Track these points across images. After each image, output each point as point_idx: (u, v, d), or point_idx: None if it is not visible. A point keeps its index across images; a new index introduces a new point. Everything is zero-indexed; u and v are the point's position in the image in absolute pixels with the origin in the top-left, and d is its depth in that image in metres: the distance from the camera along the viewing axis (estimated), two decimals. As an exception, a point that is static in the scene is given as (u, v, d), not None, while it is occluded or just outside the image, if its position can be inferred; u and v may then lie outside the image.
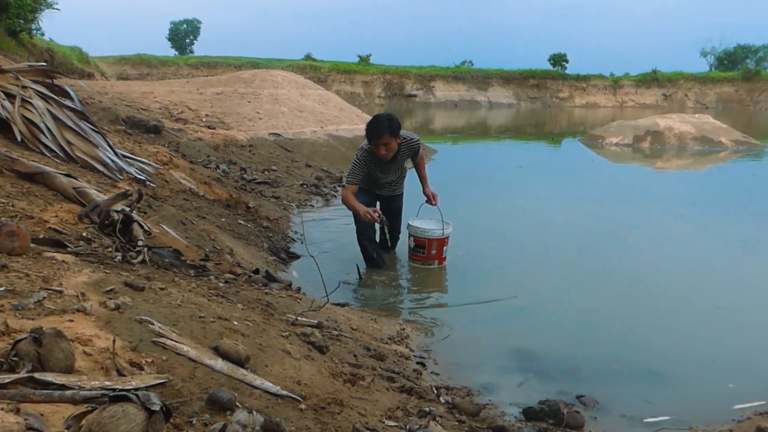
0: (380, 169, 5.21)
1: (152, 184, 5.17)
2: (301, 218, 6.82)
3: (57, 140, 4.54)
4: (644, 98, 49.96)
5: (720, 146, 16.36)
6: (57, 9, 17.62)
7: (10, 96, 4.60)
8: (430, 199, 5.43)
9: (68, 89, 5.26)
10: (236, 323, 2.50)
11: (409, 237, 5.48)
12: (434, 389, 3.01)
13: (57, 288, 2.22)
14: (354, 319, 3.77)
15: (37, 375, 1.54)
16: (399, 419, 2.33)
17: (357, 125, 13.82)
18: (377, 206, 5.35)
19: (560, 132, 24.75)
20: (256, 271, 4.18)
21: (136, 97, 10.78)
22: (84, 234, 3.12)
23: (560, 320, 4.46)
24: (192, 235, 4.45)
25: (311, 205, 7.82)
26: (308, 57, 50.52)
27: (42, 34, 21.27)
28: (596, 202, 8.84)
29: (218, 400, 1.75)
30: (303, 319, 3.09)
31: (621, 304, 4.78)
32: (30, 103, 4.60)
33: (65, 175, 3.78)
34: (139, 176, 5.08)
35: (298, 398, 2.09)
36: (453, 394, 3.04)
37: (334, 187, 8.99)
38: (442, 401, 2.86)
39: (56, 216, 3.24)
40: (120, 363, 1.81)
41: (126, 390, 1.45)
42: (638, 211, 8.21)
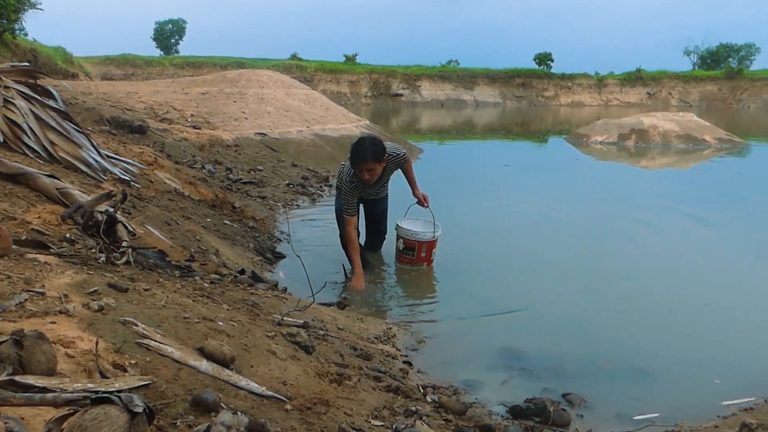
0: (369, 185, 5.17)
1: (137, 185, 5.13)
2: (287, 217, 6.80)
3: (40, 141, 4.49)
4: (629, 97, 50.24)
5: (704, 144, 16.50)
6: (40, 9, 17.48)
7: (-8, 96, 4.55)
8: (422, 201, 5.38)
9: (51, 89, 5.21)
10: (221, 324, 2.49)
11: (398, 239, 5.42)
12: (421, 388, 3.01)
13: (39, 290, 2.20)
14: (340, 319, 3.76)
15: (18, 378, 1.52)
16: (385, 419, 2.32)
17: (343, 125, 13.82)
18: (362, 210, 5.38)
19: (546, 130, 24.83)
20: (242, 272, 4.16)
21: (121, 98, 10.71)
22: (67, 235, 3.09)
23: (547, 318, 4.47)
24: (177, 236, 4.43)
25: (297, 205, 7.80)
26: (294, 57, 50.39)
27: (25, 35, 21.10)
28: (582, 201, 8.89)
29: (203, 402, 1.74)
30: (289, 319, 3.08)
31: (607, 302, 4.80)
32: (12, 104, 4.55)
33: (48, 176, 3.75)
34: (124, 177, 5.04)
35: (284, 399, 2.08)
36: (440, 393, 3.04)
37: (321, 187, 8.97)
38: (429, 400, 2.86)
39: (39, 217, 3.21)
40: (103, 365, 1.79)
41: (109, 392, 1.44)
42: (623, 209, 8.25)
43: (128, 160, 5.63)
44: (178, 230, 4.57)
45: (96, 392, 1.47)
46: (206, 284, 3.26)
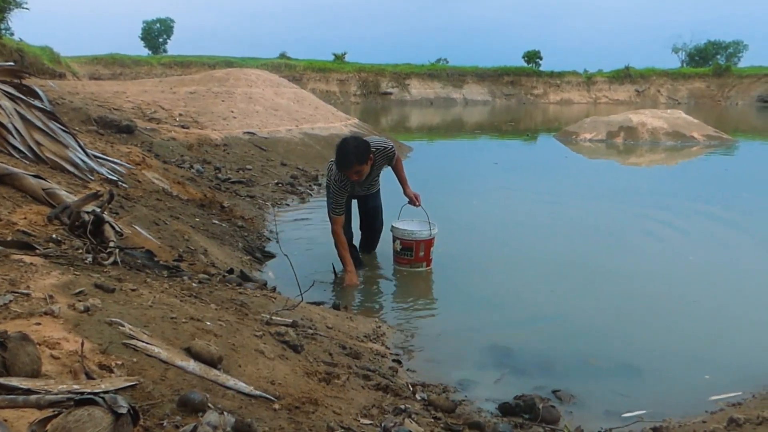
0: (358, 183, 5.10)
1: (124, 185, 5.10)
2: (274, 216, 6.79)
3: (26, 141, 4.45)
4: (617, 94, 50.48)
5: (692, 141, 16.58)
6: (26, 9, 17.43)
7: (-23, 96, 4.51)
8: (413, 200, 5.30)
9: (37, 89, 5.17)
10: (209, 324, 2.48)
11: (395, 240, 5.33)
12: (410, 386, 3.01)
13: (24, 291, 2.18)
14: (329, 318, 3.76)
15: (1, 380, 1.50)
16: (374, 417, 2.32)
17: (332, 123, 13.80)
18: (355, 209, 5.38)
19: (534, 128, 24.88)
20: (231, 271, 4.14)
21: (108, 97, 10.65)
22: (54, 236, 3.07)
23: (536, 315, 4.47)
24: (165, 236, 4.41)
25: (287, 204, 7.79)
26: (283, 55, 50.34)
27: (11, 34, 20.98)
28: (571, 198, 8.89)
29: (190, 402, 1.73)
30: (277, 319, 3.07)
31: (597, 299, 4.80)
32: (-3, 104, 4.51)
33: (34, 177, 3.72)
34: (111, 177, 5.01)
35: (272, 398, 2.07)
36: (429, 391, 3.04)
37: (310, 186, 8.96)
38: (418, 398, 2.86)
39: (25, 218, 3.19)
40: (89, 366, 1.78)
41: (93, 393, 1.43)
42: (612, 206, 8.28)
43: (116, 160, 5.60)
44: (167, 230, 4.54)
45: (80, 393, 1.46)
46: (194, 284, 3.24)
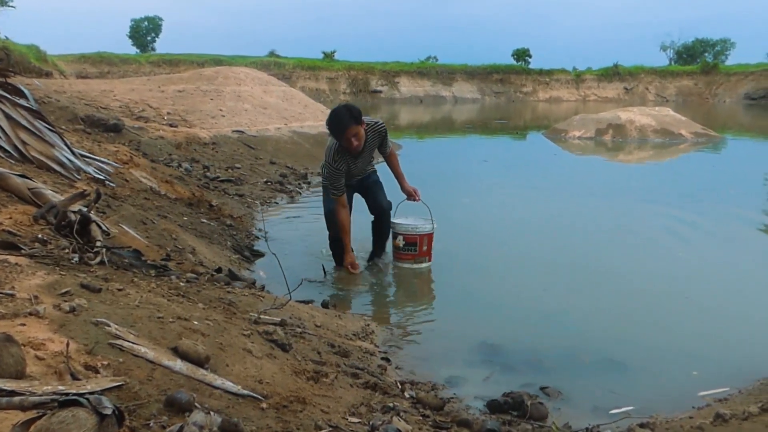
0: (354, 163, 5.00)
1: (112, 184, 5.08)
2: (263, 215, 6.77)
3: (11, 140, 4.42)
4: (606, 92, 50.66)
5: (680, 138, 16.66)
6: (12, 7, 17.35)
7: (-39, 95, 4.48)
8: (412, 195, 5.25)
9: (22, 88, 5.14)
10: (196, 323, 2.47)
11: (396, 237, 5.27)
12: (399, 384, 3.01)
13: (8, 291, 2.16)
14: (318, 316, 3.75)
15: (-15, 381, 1.49)
16: (363, 415, 2.32)
17: (321, 122, 13.69)
18: (356, 204, 5.30)
19: (524, 125, 24.94)
20: (219, 270, 4.13)
21: (96, 96, 10.57)
22: (39, 236, 3.05)
23: (525, 313, 4.47)
24: (153, 235, 4.38)
25: (276, 203, 7.77)
26: (272, 54, 50.27)
27: (-3, 33, 20.81)
28: (559, 195, 8.92)
29: (176, 402, 1.72)
30: (265, 318, 3.06)
31: (585, 296, 4.81)
32: (-18, 103, 4.48)
33: (20, 176, 3.70)
34: (98, 176, 4.99)
35: (260, 397, 2.07)
36: (417, 389, 3.04)
37: (299, 184, 8.95)
38: (407, 396, 2.86)
39: (10, 218, 3.16)
40: (75, 367, 1.77)
41: (77, 394, 1.42)
42: (600, 203, 8.32)
43: (103, 159, 5.57)
44: (154, 229, 4.52)
45: (65, 395, 1.45)
46: (182, 283, 3.23)
